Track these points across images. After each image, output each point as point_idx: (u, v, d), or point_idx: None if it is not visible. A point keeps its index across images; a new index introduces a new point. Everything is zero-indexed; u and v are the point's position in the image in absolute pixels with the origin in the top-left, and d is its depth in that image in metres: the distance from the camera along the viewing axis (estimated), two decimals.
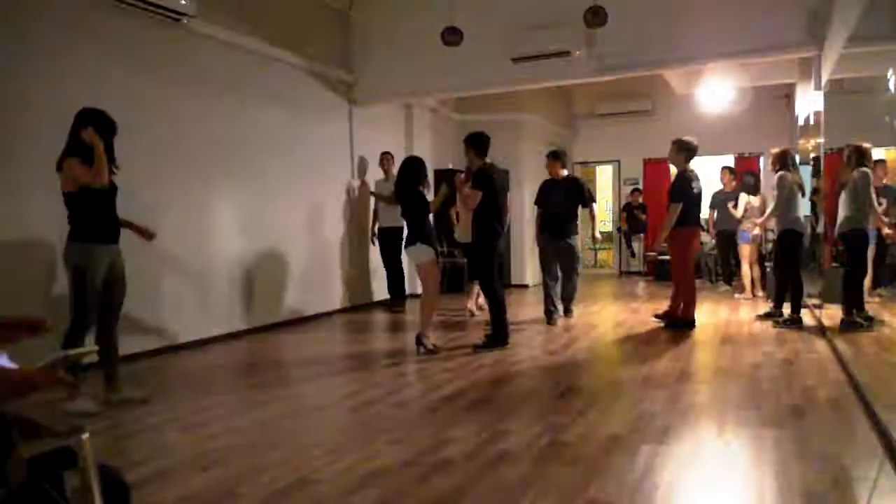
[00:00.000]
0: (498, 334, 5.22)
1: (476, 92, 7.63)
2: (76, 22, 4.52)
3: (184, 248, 5.39)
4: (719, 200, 8.34)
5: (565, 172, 6.64)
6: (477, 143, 5.32)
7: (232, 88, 5.83)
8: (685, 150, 5.90)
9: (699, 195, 5.90)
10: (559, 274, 6.50)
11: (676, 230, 5.78)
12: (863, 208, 4.91)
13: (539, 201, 6.62)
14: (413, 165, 5.27)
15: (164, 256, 5.18)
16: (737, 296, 7.91)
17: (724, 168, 8.64)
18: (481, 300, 7.29)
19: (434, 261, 5.13)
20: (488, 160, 5.38)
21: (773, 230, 7.08)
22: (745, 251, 7.74)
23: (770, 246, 7.75)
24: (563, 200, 6.40)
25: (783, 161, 6.01)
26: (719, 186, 8.52)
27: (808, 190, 6.39)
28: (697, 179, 5.93)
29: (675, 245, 5.86)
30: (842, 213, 5.02)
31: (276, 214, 6.39)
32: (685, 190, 5.77)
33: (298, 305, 6.70)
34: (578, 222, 6.83)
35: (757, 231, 7.12)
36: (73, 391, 3.49)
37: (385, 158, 7.46)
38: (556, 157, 6.62)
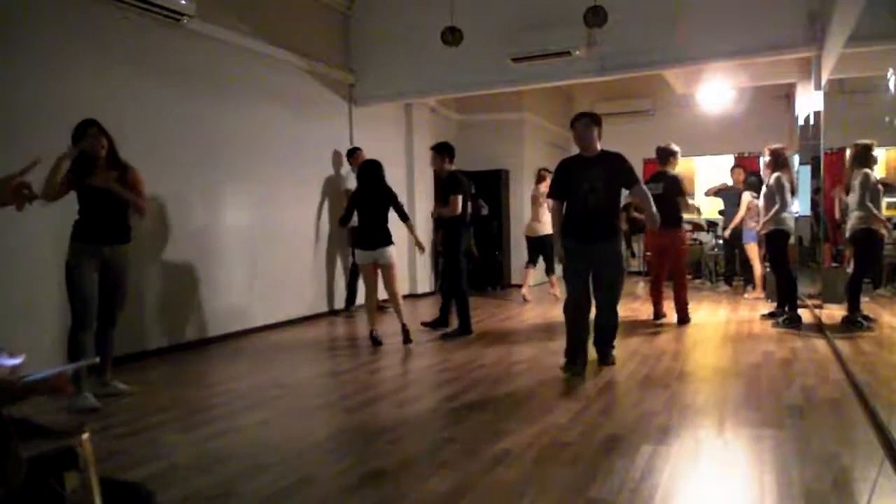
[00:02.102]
0: (463, 326, 5.72)
1: (476, 92, 7.63)
2: (75, 22, 4.52)
3: (183, 248, 5.39)
4: (727, 198, 8.36)
5: (599, 146, 4.35)
6: (450, 150, 5.76)
7: (232, 89, 5.83)
8: (660, 156, 6.40)
9: (656, 196, 5.90)
10: (590, 298, 4.39)
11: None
12: (867, 207, 4.98)
13: (559, 191, 4.41)
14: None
15: (163, 256, 5.19)
16: (746, 295, 7.88)
17: (736, 166, 8.64)
18: (555, 290, 8.22)
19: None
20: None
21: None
22: (753, 250, 7.71)
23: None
24: (602, 186, 4.20)
25: (780, 160, 6.03)
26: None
27: (797, 189, 6.46)
28: (659, 181, 6.16)
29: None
30: (852, 213, 5.11)
31: (276, 214, 6.39)
32: None
33: (299, 304, 6.70)
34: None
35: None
36: (73, 391, 3.55)
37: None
38: (588, 119, 4.32)
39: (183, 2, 4.99)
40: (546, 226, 7.63)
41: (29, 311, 4.14)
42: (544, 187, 7.70)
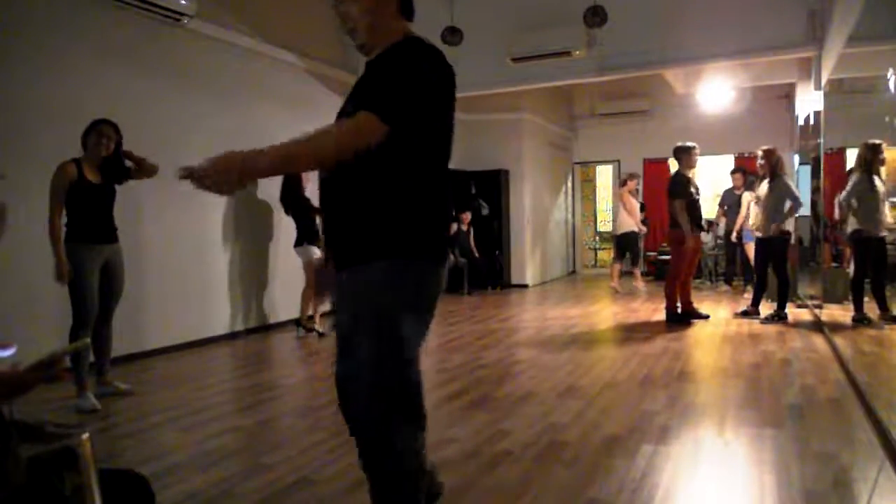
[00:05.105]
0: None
1: (476, 92, 7.62)
2: (75, 22, 4.52)
3: (183, 248, 5.39)
4: (733, 201, 8.39)
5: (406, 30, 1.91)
6: None
7: (231, 89, 5.83)
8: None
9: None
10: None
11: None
12: (856, 211, 5.10)
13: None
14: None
15: (162, 258, 5.19)
16: (746, 295, 7.86)
17: (735, 171, 8.68)
18: (637, 283, 9.07)
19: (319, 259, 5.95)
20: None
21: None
22: (752, 251, 7.69)
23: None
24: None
25: (779, 162, 6.05)
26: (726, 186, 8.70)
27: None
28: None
29: None
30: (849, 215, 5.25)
31: (276, 215, 6.39)
32: None
33: (298, 305, 6.69)
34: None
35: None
36: (81, 385, 3.61)
37: None
38: None
39: (183, 2, 4.99)
40: (624, 223, 8.71)
41: (28, 312, 4.14)
42: (628, 187, 8.76)
